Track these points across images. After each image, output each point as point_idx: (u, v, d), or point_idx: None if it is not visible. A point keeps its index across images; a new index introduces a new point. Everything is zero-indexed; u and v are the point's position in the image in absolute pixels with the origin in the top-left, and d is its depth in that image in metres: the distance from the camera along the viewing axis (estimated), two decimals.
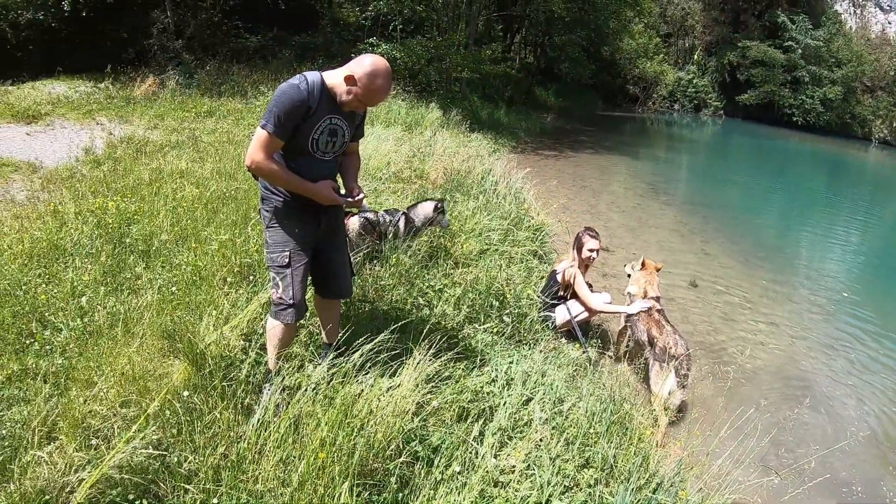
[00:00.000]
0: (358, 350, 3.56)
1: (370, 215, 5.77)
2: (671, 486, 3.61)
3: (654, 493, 3.46)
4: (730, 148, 26.97)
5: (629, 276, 6.26)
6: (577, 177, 14.69)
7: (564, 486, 3.40)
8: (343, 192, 3.69)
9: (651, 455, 3.91)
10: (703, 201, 15.65)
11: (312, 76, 3.33)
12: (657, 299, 5.95)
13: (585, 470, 3.60)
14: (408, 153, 9.71)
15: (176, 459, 2.98)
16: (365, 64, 3.28)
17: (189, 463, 2.98)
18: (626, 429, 4.12)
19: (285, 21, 19.18)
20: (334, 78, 3.36)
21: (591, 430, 3.91)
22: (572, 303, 6.03)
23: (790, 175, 23.55)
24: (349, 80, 3.30)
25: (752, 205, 16.70)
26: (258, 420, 3.22)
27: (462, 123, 14.81)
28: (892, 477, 5.95)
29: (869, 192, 23.70)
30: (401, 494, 3.12)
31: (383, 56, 14.29)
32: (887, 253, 15.61)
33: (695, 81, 38.20)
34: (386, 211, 6.10)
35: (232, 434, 3.18)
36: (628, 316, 5.88)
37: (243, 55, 18.13)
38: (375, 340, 3.65)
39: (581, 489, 3.43)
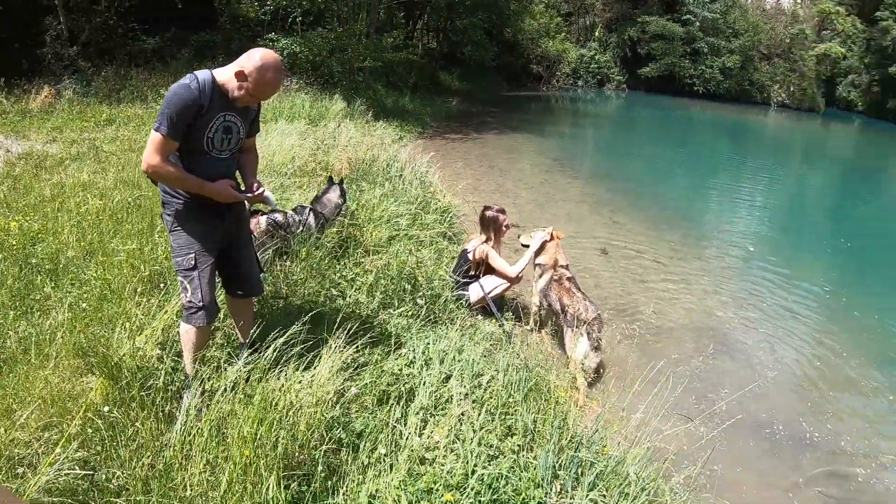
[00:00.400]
0: (271, 345, 3.56)
1: (278, 216, 5.73)
2: (592, 443, 3.74)
3: (575, 452, 3.57)
4: (634, 120, 27.85)
5: (525, 245, 6.42)
6: (483, 157, 14.84)
7: (489, 455, 3.48)
8: (243, 188, 3.68)
9: (569, 416, 4.06)
10: (610, 173, 16.10)
11: (203, 74, 3.30)
12: (566, 267, 6.17)
13: (509, 438, 3.70)
14: (312, 146, 9.64)
15: (104, 476, 2.94)
16: (255, 58, 3.28)
17: (117, 478, 2.95)
18: (544, 394, 4.27)
19: (183, 20, 18.56)
20: (225, 75, 3.34)
21: (511, 400, 4.02)
22: (485, 280, 6.15)
23: (693, 142, 24.50)
24: (239, 75, 3.28)
25: (658, 173, 17.32)
26: (181, 426, 3.20)
27: (366, 113, 14.77)
28: (811, 413, 6.33)
29: (770, 152, 24.92)
30: (329, 482, 3.15)
31: (283, 51, 14.04)
32: (791, 207, 16.49)
33: (597, 58, 39.13)
34: (294, 210, 6.07)
35: (157, 443, 3.15)
36: (538, 265, 6.17)
37: (141, 58, 17.47)
38: (287, 333, 3.66)
39: (506, 457, 3.51)
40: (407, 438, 3.49)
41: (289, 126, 10.94)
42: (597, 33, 40.82)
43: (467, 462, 3.37)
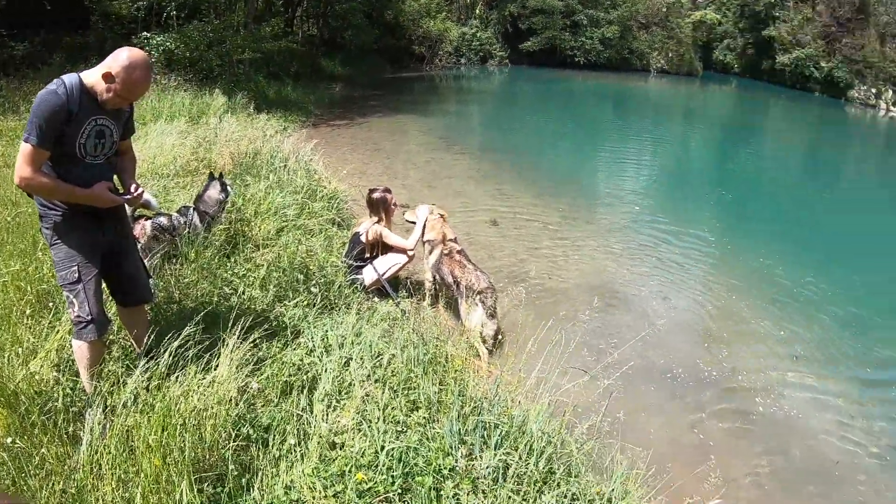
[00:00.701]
0: (167, 350, 3.50)
1: (163, 220, 5.59)
2: (494, 406, 3.88)
3: (479, 417, 3.69)
4: (517, 94, 28.34)
5: (411, 222, 6.54)
6: (369, 141, 14.76)
7: (397, 431, 3.56)
8: (122, 192, 3.58)
9: (469, 383, 4.20)
10: (495, 146, 16.33)
11: (70, 79, 3.19)
12: (455, 240, 6.33)
13: (415, 412, 3.81)
14: (193, 144, 9.38)
15: None
16: (121, 58, 3.19)
17: None
18: (443, 365, 4.38)
19: (54, 23, 17.38)
20: (92, 77, 3.24)
21: (412, 375, 4.12)
22: (378, 262, 6.19)
23: (577, 111, 25.17)
24: (107, 77, 3.19)
25: (543, 143, 17.70)
26: (86, 446, 3.10)
27: (248, 106, 14.45)
28: (708, 354, 6.73)
29: (652, 116, 25.94)
30: (243, 479, 3.15)
31: (159, 48, 13.46)
32: (675, 165, 17.31)
33: (479, 35, 39.44)
34: (178, 211, 5.92)
35: (65, 468, 3.06)
36: (427, 242, 6.30)
37: (10, 66, 16.33)
38: (182, 336, 3.60)
39: (413, 430, 3.60)
40: (315, 426, 3.52)
41: (169, 126, 10.60)
42: (477, 11, 41.16)
43: (376, 440, 3.42)
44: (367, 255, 6.24)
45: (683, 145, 20.65)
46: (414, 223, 6.50)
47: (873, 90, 37.05)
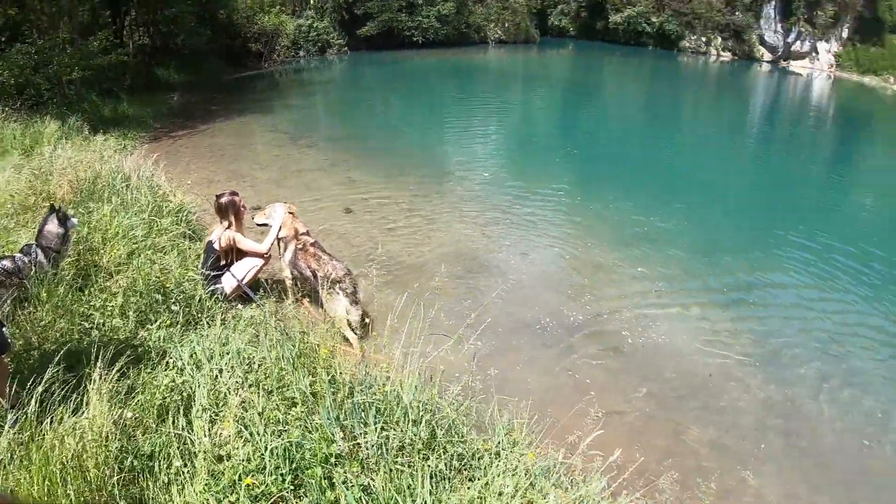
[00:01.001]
0: (32, 397, 3.38)
1: (6, 263, 5.30)
2: (367, 386, 4.00)
3: (353, 399, 3.80)
4: (358, 79, 28.13)
5: (261, 224, 6.55)
6: (213, 147, 14.30)
7: (278, 431, 3.61)
8: None
9: (339, 370, 4.28)
10: (341, 135, 16.16)
11: None
12: (307, 234, 6.37)
13: (293, 409, 3.88)
14: (29, 178, 8.88)
15: None
16: None
17: None
18: (311, 357, 4.48)
19: None
20: None
21: (284, 373, 4.18)
22: (235, 268, 6.14)
23: (420, 90, 25.26)
24: None
25: (388, 125, 17.77)
26: None
27: (83, 128, 13.58)
28: (572, 301, 7.17)
29: (494, 85, 26.50)
30: None
31: None
32: (521, 129, 17.93)
33: (315, 25, 38.72)
34: (21, 252, 5.63)
35: None
36: (280, 240, 6.33)
37: None
38: (45, 379, 3.49)
39: (293, 426, 3.67)
40: (198, 443, 3.51)
41: (2, 161, 10.01)
42: (312, 1, 40.58)
43: (259, 444, 3.46)
44: (224, 262, 6.14)
45: (527, 110, 21.35)
46: (264, 225, 6.47)
47: (703, 39, 40.19)
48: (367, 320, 6.08)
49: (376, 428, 3.60)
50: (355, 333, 5.75)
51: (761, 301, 7.92)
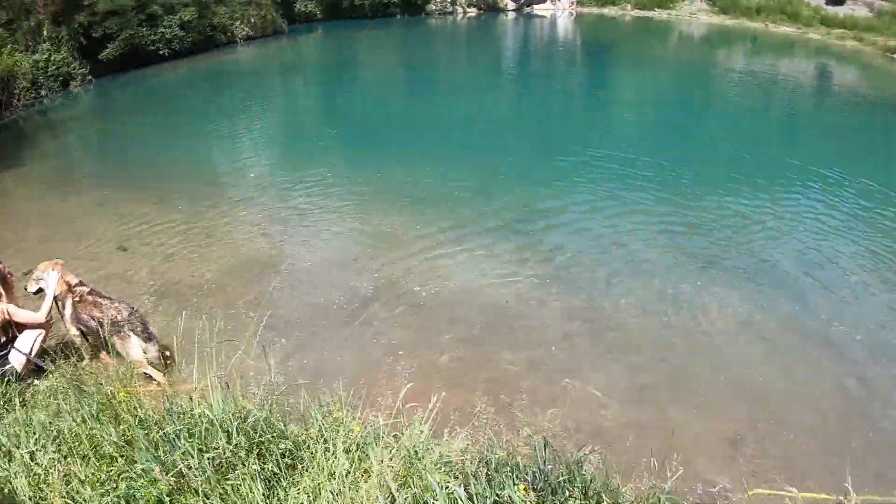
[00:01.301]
0: None
1: None
2: (178, 415, 4.05)
3: (163, 432, 3.86)
4: (108, 108, 25.38)
5: (35, 292, 6.17)
6: None
7: (106, 491, 3.61)
8: None
9: (143, 409, 4.31)
10: (103, 172, 14.61)
11: None
12: (81, 283, 6.15)
13: (115, 463, 3.87)
14: None
15: None
16: None
17: None
18: (112, 406, 4.39)
19: None
20: None
21: (93, 432, 4.11)
22: (19, 342, 5.79)
23: (176, 106, 22.94)
24: None
25: (149, 151, 15.67)
26: None
27: None
28: (361, 275, 7.68)
29: (249, 84, 25.34)
30: None
31: None
32: (286, 124, 17.63)
33: (53, 58, 35.74)
34: None
35: None
36: (55, 299, 6.03)
37: None
38: None
39: (120, 481, 3.69)
40: None
41: None
42: (45, 32, 37.27)
43: None
44: (4, 339, 5.77)
45: (286, 102, 21.04)
46: (36, 293, 6.12)
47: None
48: (166, 353, 6.03)
49: (193, 452, 3.64)
50: (158, 370, 5.76)
51: (542, 226, 8.72)
